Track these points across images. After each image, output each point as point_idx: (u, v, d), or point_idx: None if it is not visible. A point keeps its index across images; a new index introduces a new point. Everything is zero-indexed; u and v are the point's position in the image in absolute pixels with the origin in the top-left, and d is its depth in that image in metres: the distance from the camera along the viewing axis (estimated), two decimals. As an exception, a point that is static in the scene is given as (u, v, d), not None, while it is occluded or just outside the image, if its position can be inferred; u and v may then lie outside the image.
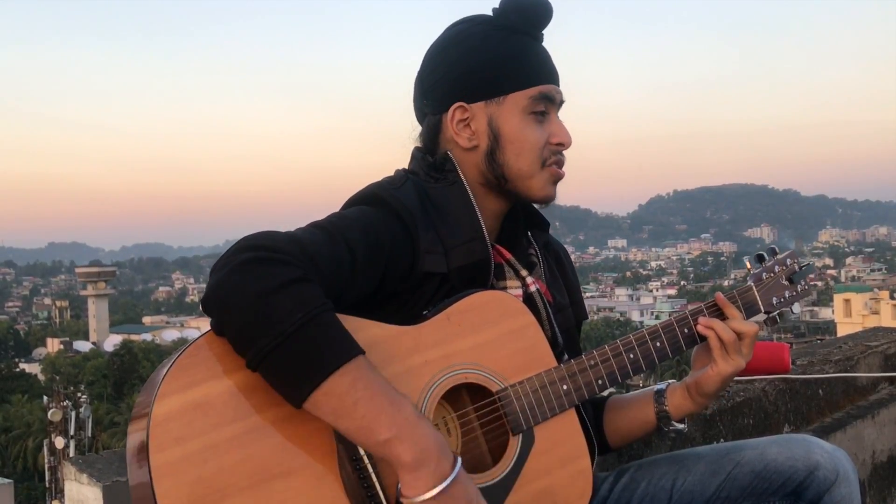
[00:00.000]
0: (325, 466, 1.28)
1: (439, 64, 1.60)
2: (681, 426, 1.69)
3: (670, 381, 1.71)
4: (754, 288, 1.68)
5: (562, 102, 1.63)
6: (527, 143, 1.56)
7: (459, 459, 1.25)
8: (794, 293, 1.71)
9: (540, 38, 1.62)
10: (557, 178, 1.61)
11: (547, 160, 1.58)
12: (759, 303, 1.67)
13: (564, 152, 1.62)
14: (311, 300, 1.23)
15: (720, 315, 1.63)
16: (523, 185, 1.58)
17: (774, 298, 1.69)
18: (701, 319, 1.61)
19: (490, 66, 1.56)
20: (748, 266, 1.72)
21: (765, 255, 1.72)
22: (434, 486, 1.20)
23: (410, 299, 1.47)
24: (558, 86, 1.62)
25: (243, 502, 1.22)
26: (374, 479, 1.29)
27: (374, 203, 1.48)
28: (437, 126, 1.61)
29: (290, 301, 1.21)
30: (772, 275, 1.70)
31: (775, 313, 1.70)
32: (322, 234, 1.36)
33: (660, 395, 1.69)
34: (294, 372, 1.21)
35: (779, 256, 1.72)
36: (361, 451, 1.28)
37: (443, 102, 1.59)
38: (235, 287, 1.22)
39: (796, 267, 1.72)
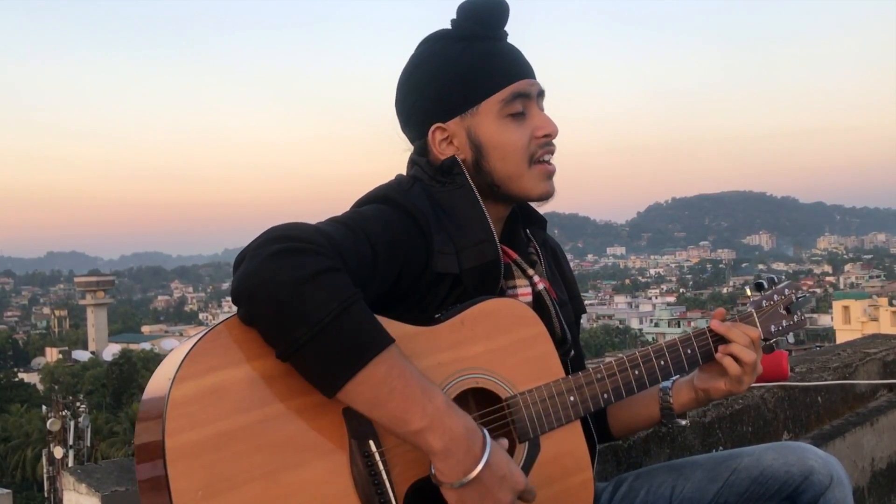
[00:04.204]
0: (336, 461, 1.28)
1: (409, 91, 1.63)
2: (683, 422, 1.75)
3: (674, 377, 1.72)
4: (755, 314, 1.69)
5: (541, 93, 1.62)
6: (509, 146, 1.57)
7: (489, 443, 1.27)
8: (791, 323, 1.73)
9: (502, 38, 1.63)
10: (549, 173, 1.61)
11: (534, 155, 1.58)
12: (760, 330, 1.68)
13: (555, 142, 1.62)
14: (344, 289, 1.24)
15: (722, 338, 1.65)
16: (516, 187, 1.59)
17: (773, 326, 1.70)
18: (720, 347, 1.63)
19: (457, 81, 1.57)
20: (748, 293, 1.74)
21: (764, 283, 1.74)
22: (466, 474, 1.24)
23: (423, 300, 1.48)
24: (532, 78, 1.62)
25: (254, 490, 1.22)
26: (385, 476, 1.29)
27: (387, 202, 1.49)
28: (425, 149, 1.62)
29: (325, 291, 1.22)
30: (771, 303, 1.72)
31: (772, 341, 1.72)
32: (344, 229, 1.36)
33: (665, 391, 1.72)
34: (330, 362, 1.23)
35: (778, 286, 1.74)
36: (373, 448, 1.30)
37: (422, 128, 1.61)
38: (268, 277, 1.22)
39: (794, 297, 1.74)
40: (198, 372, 1.22)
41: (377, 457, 1.29)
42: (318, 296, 1.22)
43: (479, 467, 1.24)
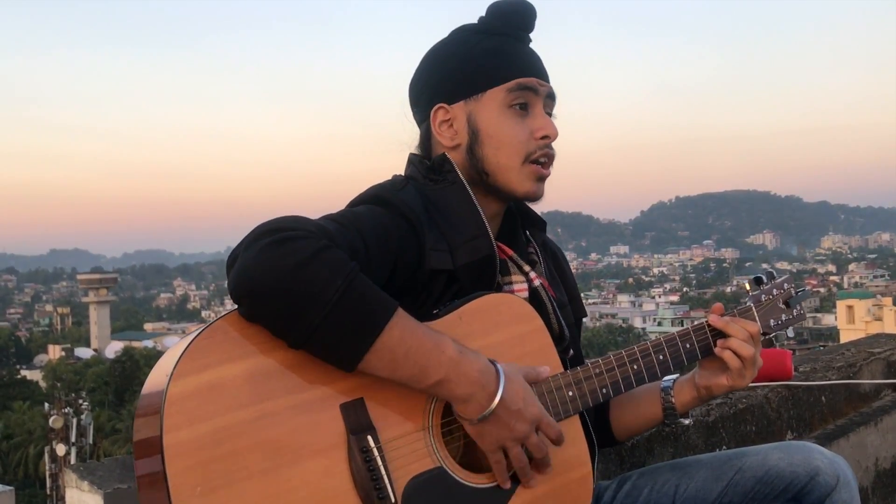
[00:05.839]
0: (335, 456, 1.29)
1: (423, 73, 1.66)
2: (687, 421, 1.75)
3: (674, 376, 1.73)
4: (754, 309, 1.69)
5: (550, 96, 1.63)
6: (505, 137, 1.58)
7: (503, 381, 1.35)
8: (791, 317, 1.73)
9: (524, 40, 1.64)
10: (540, 175, 1.60)
11: (532, 154, 1.58)
12: (759, 324, 1.68)
13: (555, 148, 1.62)
14: (343, 264, 1.26)
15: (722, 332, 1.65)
16: (503, 179, 1.59)
17: (772, 321, 1.71)
18: (719, 342, 1.63)
19: (467, 65, 1.59)
20: (747, 288, 1.75)
21: (763, 278, 1.75)
22: (485, 408, 1.33)
23: (419, 297, 1.48)
24: (544, 80, 1.62)
25: (252, 486, 1.22)
26: (383, 470, 1.30)
27: (378, 203, 1.49)
28: (428, 132, 1.64)
29: (327, 269, 1.23)
30: (770, 297, 1.72)
31: (772, 335, 1.72)
32: (336, 225, 1.38)
33: (666, 391, 1.72)
34: (347, 337, 1.25)
35: (776, 280, 1.74)
36: (371, 443, 1.30)
37: (427, 107, 1.63)
38: (266, 268, 1.22)
39: (793, 292, 1.74)
40: (195, 368, 1.22)
41: (375, 452, 1.30)
42: (321, 275, 1.23)
43: (494, 404, 1.33)
